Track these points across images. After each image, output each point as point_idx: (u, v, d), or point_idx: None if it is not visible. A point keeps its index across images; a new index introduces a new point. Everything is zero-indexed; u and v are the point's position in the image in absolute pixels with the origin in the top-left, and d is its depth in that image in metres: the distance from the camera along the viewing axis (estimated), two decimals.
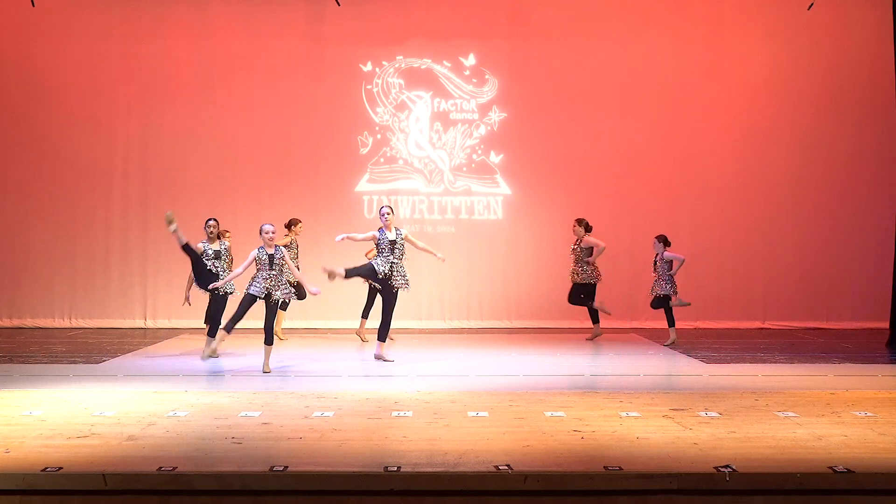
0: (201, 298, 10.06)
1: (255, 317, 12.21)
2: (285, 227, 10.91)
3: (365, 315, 11.03)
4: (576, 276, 10.99)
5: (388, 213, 9.18)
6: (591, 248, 10.91)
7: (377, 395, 7.10)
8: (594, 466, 4.81)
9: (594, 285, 10.98)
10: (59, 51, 13.03)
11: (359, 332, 11.17)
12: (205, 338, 10.18)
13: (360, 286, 12.78)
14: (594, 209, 12.98)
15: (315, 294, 8.87)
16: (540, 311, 12.75)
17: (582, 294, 11.00)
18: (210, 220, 9.58)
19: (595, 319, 11.14)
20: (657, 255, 10.62)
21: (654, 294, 10.61)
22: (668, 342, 10.64)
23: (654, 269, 10.64)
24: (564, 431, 5.66)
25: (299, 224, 10.99)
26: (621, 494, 4.65)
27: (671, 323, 10.67)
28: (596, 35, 13.23)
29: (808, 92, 13.19)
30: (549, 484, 4.65)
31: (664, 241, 10.60)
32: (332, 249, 12.88)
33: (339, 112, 13.19)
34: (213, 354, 9.23)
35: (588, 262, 10.91)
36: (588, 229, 11.03)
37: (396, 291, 9.20)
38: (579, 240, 11.01)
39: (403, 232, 9.27)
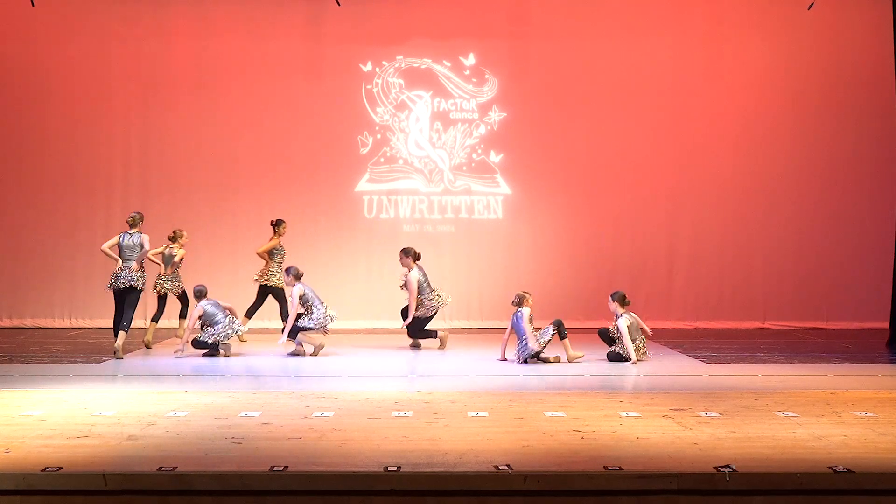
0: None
1: (262, 317, 12.26)
2: (271, 226, 10.87)
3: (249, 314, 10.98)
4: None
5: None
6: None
7: (377, 395, 7.10)
8: (594, 466, 4.81)
9: None
10: (59, 51, 13.02)
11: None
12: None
13: (360, 286, 12.84)
14: (594, 209, 13.03)
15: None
16: (540, 311, 12.71)
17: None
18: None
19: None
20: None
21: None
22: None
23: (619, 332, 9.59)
24: (564, 431, 5.66)
25: (283, 225, 10.91)
26: (621, 494, 4.65)
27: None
28: (596, 35, 13.22)
29: (808, 92, 13.18)
30: (549, 484, 4.65)
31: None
32: (330, 249, 12.97)
33: (339, 112, 13.18)
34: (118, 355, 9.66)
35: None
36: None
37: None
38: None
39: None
